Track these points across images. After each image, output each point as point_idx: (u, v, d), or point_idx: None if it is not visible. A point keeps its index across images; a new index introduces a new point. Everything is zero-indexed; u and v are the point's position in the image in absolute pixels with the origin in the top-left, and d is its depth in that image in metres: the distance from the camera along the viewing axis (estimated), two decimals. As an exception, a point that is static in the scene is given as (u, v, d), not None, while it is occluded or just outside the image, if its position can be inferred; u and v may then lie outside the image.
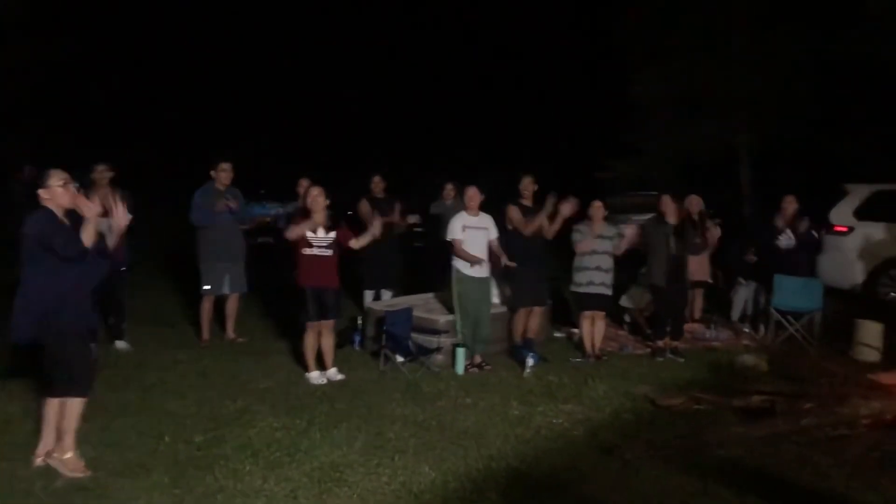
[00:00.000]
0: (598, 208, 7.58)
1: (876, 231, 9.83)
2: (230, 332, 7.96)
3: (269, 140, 25.24)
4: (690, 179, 15.18)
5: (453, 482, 4.53)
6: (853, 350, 7.67)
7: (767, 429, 5.32)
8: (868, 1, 13.10)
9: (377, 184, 9.07)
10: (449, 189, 9.60)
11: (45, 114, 17.25)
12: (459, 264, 7.14)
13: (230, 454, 4.82)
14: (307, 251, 6.46)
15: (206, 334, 7.81)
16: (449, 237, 7.14)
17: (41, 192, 4.41)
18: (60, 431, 4.49)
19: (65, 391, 4.46)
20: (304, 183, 8.26)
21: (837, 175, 11.37)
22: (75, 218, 4.44)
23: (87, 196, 6.82)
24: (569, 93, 22.48)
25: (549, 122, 23.70)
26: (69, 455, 4.46)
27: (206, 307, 7.79)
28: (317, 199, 6.52)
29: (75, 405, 4.47)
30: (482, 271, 7.18)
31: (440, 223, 9.19)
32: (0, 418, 5.33)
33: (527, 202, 7.56)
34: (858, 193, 10.21)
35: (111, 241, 4.84)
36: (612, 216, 8.62)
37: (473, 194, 7.20)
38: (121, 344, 7.41)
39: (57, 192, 4.41)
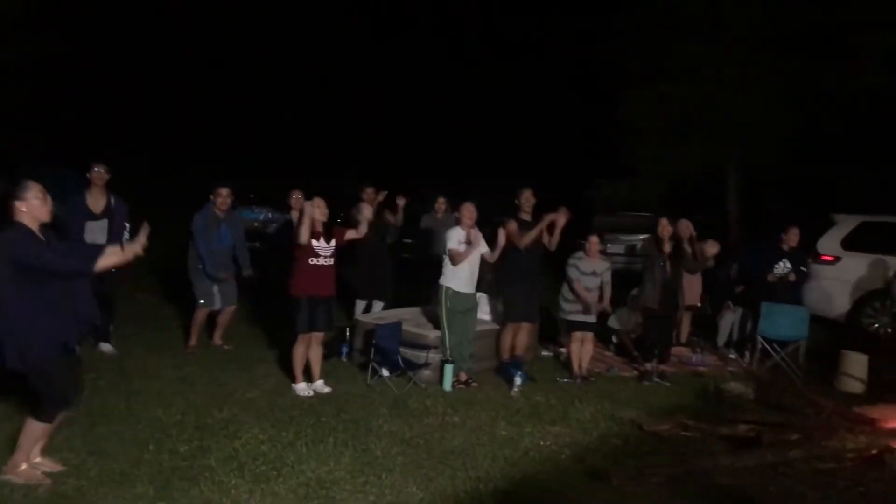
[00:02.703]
0: (593, 244, 7.62)
1: (862, 262, 9.88)
2: (217, 339, 7.86)
3: (260, 145, 25.16)
4: (678, 201, 15.29)
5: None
6: (838, 381, 7.72)
7: (755, 459, 5.33)
8: (858, 30, 13.26)
9: (369, 195, 8.97)
10: (440, 202, 9.58)
11: (38, 116, 17.01)
12: (448, 281, 7.10)
13: (215, 466, 4.75)
14: (313, 261, 6.41)
15: (193, 341, 7.70)
16: (448, 247, 7.04)
17: (18, 204, 4.16)
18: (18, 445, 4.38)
19: (30, 409, 4.38)
20: (296, 195, 8.20)
21: (825, 204, 11.48)
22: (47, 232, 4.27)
23: (85, 196, 6.89)
24: (561, 110, 22.59)
25: (540, 138, 23.80)
26: (22, 468, 4.36)
27: (200, 316, 7.65)
28: (321, 208, 6.47)
29: (32, 426, 4.33)
30: (469, 287, 7.16)
31: (430, 236, 9.20)
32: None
33: (525, 216, 7.56)
34: (846, 223, 10.27)
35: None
36: (603, 235, 8.70)
37: (470, 211, 7.15)
38: (106, 346, 7.30)
39: (34, 206, 4.19)
